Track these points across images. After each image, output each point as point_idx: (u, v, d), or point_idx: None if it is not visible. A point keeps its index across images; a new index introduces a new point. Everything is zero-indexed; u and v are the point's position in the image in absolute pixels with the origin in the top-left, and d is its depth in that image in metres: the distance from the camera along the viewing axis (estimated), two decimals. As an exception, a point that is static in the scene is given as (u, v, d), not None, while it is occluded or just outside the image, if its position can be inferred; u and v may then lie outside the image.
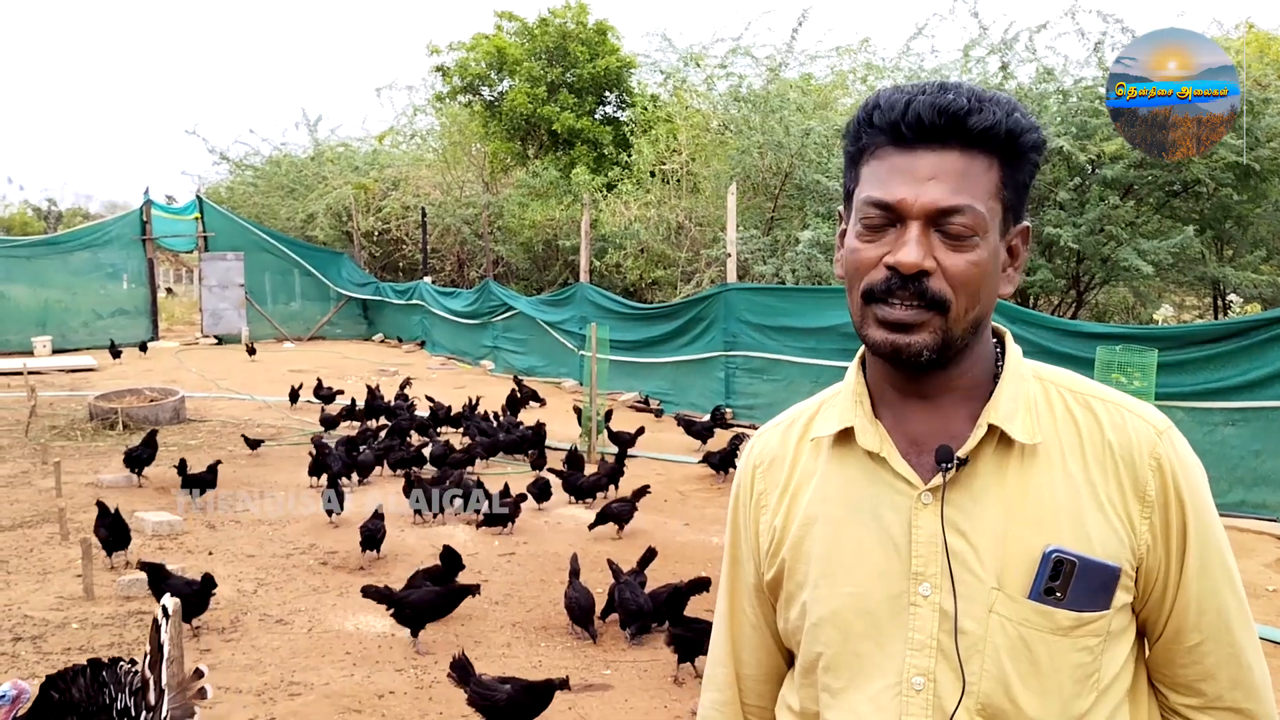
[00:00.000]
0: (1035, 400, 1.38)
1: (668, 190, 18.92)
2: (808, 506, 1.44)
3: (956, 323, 1.31)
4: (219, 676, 5.18)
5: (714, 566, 6.38)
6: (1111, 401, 1.38)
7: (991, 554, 1.31)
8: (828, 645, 1.39)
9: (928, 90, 1.31)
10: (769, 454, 1.54)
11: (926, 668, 1.32)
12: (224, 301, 25.61)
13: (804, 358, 12.03)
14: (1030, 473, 1.34)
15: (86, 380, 17.18)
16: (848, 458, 1.43)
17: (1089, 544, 1.30)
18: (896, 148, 1.32)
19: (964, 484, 1.34)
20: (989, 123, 1.29)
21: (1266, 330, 7.77)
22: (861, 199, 1.34)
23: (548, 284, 23.52)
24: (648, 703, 5.00)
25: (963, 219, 1.29)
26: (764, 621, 1.55)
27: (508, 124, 24.75)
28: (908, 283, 1.29)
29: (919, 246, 1.29)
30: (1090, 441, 1.35)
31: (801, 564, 1.43)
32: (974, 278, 1.30)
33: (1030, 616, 1.30)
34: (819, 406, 1.53)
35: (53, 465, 8.88)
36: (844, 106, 18.12)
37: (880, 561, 1.37)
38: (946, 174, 1.29)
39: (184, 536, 7.75)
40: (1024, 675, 1.30)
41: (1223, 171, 12.16)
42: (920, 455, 1.38)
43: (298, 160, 31.14)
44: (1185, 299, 19.33)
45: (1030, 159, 1.34)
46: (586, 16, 25.23)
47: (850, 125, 1.39)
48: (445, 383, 17.37)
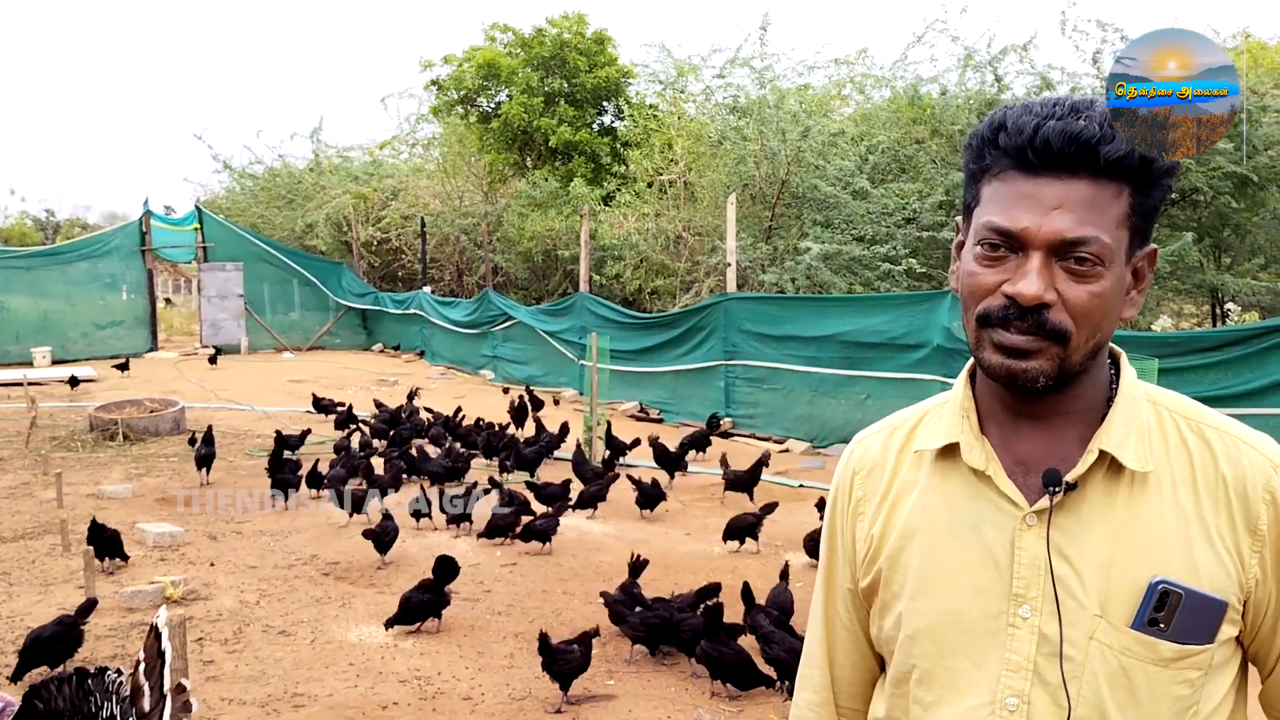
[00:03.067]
0: (1149, 426, 1.36)
1: (666, 201, 18.96)
2: (908, 518, 1.44)
3: (1075, 351, 1.29)
4: (222, 688, 5.18)
5: (715, 577, 6.38)
6: (1228, 432, 1.35)
7: (1095, 581, 1.30)
8: (922, 658, 1.39)
9: (1058, 113, 1.27)
10: (869, 461, 1.52)
11: (1022, 689, 1.32)
12: (223, 312, 25.60)
13: (805, 367, 12.03)
14: (1139, 500, 1.32)
15: (86, 391, 17.16)
16: (951, 472, 1.42)
17: (1196, 576, 1.28)
18: (1021, 172, 1.28)
19: (1071, 508, 1.33)
20: (1122, 151, 1.25)
21: (1269, 338, 7.79)
22: (982, 223, 1.32)
23: (547, 294, 23.53)
24: (651, 713, 5.00)
25: (1088, 250, 1.26)
26: (858, 626, 1.55)
27: (504, 135, 24.79)
28: (1026, 314, 1.27)
29: (1040, 279, 1.26)
30: (1203, 472, 1.33)
31: (899, 575, 1.43)
32: (1096, 309, 1.28)
33: (1132, 646, 1.29)
34: (922, 415, 1.51)
35: (54, 476, 8.87)
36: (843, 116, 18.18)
37: (980, 579, 1.36)
38: (1073, 204, 1.26)
39: (185, 548, 7.74)
40: (1122, 704, 1.29)
41: (1221, 180, 12.19)
42: (1027, 475, 1.36)
43: (296, 171, 31.16)
44: (1183, 307, 19.35)
45: (1163, 184, 1.31)
46: (585, 26, 25.29)
47: (972, 142, 1.36)
48: (445, 392, 17.36)
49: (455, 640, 5.93)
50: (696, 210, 18.30)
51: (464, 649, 5.79)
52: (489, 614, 6.38)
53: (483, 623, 6.23)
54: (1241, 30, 19.46)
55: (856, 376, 11.33)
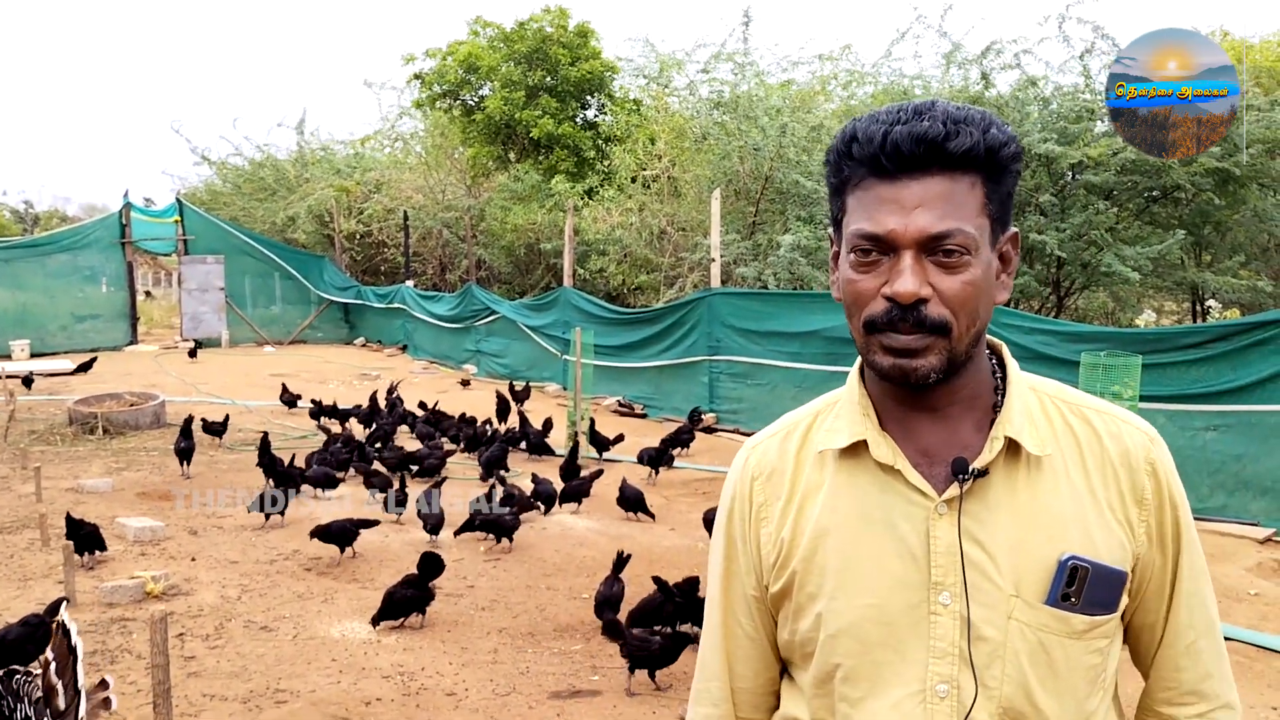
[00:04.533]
0: (1034, 412, 1.43)
1: (649, 196, 18.95)
2: (818, 518, 1.44)
3: (959, 341, 1.34)
4: (204, 684, 5.15)
5: (699, 571, 6.37)
6: (1106, 412, 1.44)
7: (1008, 562, 1.35)
8: (846, 656, 1.40)
9: (903, 118, 1.32)
10: (768, 465, 1.53)
11: (950, 674, 1.35)
12: (204, 305, 25.47)
13: (788, 362, 12.05)
14: (1038, 482, 1.38)
15: (66, 384, 17.03)
16: (857, 470, 1.44)
17: (1095, 550, 1.36)
18: (879, 178, 1.33)
19: (978, 495, 1.37)
20: (967, 145, 1.30)
21: (1249, 335, 7.83)
22: (851, 231, 1.36)
23: (530, 288, 23.49)
24: (636, 709, 4.99)
25: (953, 242, 1.31)
26: (762, 634, 1.55)
27: (487, 129, 24.71)
28: (908, 312, 1.31)
29: (914, 276, 1.31)
30: (1090, 451, 1.40)
31: (814, 576, 1.43)
32: (970, 296, 1.33)
33: (1048, 622, 1.35)
34: (815, 416, 1.53)
35: (33, 470, 8.80)
36: (826, 111, 18.18)
37: (898, 572, 1.38)
38: (932, 200, 1.31)
39: (166, 542, 7.68)
40: (1042, 678, 1.34)
41: (1202, 177, 12.25)
42: (932, 466, 1.40)
43: (280, 162, 31.00)
44: (1164, 304, 19.48)
45: (1011, 170, 1.37)
46: (567, 20, 25.21)
47: (830, 156, 1.41)
48: (428, 387, 17.31)
49: (439, 636, 5.91)
50: (680, 205, 18.29)
51: (447, 644, 5.77)
52: (472, 609, 6.36)
53: (466, 618, 6.21)
54: (1219, 29, 19.57)
55: (839, 372, 11.33)
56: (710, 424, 12.89)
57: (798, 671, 1.50)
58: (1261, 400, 7.76)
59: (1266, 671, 5.44)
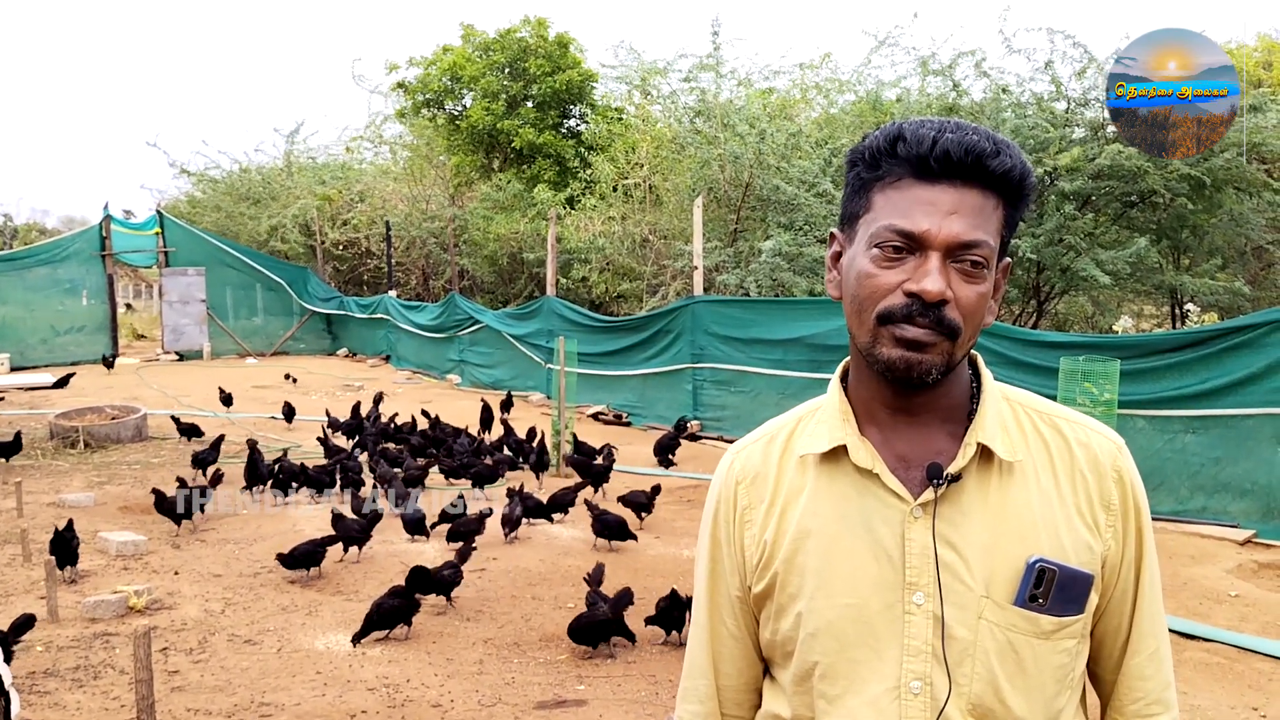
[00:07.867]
0: (1007, 420, 1.48)
1: (631, 204, 18.97)
2: (800, 521, 1.49)
3: (960, 348, 1.40)
4: (188, 698, 5.13)
5: (685, 579, 6.40)
6: (1076, 421, 1.50)
7: (980, 564, 1.40)
8: (824, 654, 1.45)
9: (950, 128, 1.37)
10: (751, 470, 1.57)
11: (924, 672, 1.40)
12: (185, 317, 25.33)
13: (771, 369, 12.09)
14: (1009, 488, 1.43)
15: (46, 398, 16.92)
16: (837, 474, 1.48)
17: (1064, 553, 1.40)
18: (919, 180, 1.38)
19: (952, 499, 1.42)
20: (1007, 166, 1.37)
21: (1225, 340, 7.91)
22: (882, 225, 1.39)
23: (513, 297, 23.48)
24: (622, 717, 5.00)
25: (978, 253, 1.37)
26: (746, 633, 1.59)
27: (470, 138, 24.71)
28: (928, 310, 1.36)
29: (941, 277, 1.35)
30: (1060, 458, 1.46)
31: (795, 576, 1.48)
32: (980, 308, 1.39)
33: (1017, 622, 1.39)
34: (797, 422, 1.58)
35: (13, 485, 8.74)
36: (807, 119, 18.26)
37: (875, 573, 1.43)
38: (966, 210, 1.36)
39: (149, 556, 7.65)
40: (1011, 677, 1.39)
41: (1178, 182, 12.35)
42: (908, 471, 1.45)
43: (266, 170, 30.85)
44: (1143, 308, 19.60)
45: (1026, 200, 1.43)
46: (546, 30, 25.26)
47: (866, 152, 1.45)
48: (412, 397, 17.27)
49: (424, 647, 5.90)
50: (662, 213, 18.33)
51: (433, 656, 5.77)
52: (457, 620, 6.35)
53: (451, 629, 6.20)
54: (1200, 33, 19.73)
55: (822, 379, 11.31)
56: (695, 431, 12.91)
57: (779, 670, 1.55)
58: (1239, 403, 7.84)
59: (1247, 672, 5.49)
